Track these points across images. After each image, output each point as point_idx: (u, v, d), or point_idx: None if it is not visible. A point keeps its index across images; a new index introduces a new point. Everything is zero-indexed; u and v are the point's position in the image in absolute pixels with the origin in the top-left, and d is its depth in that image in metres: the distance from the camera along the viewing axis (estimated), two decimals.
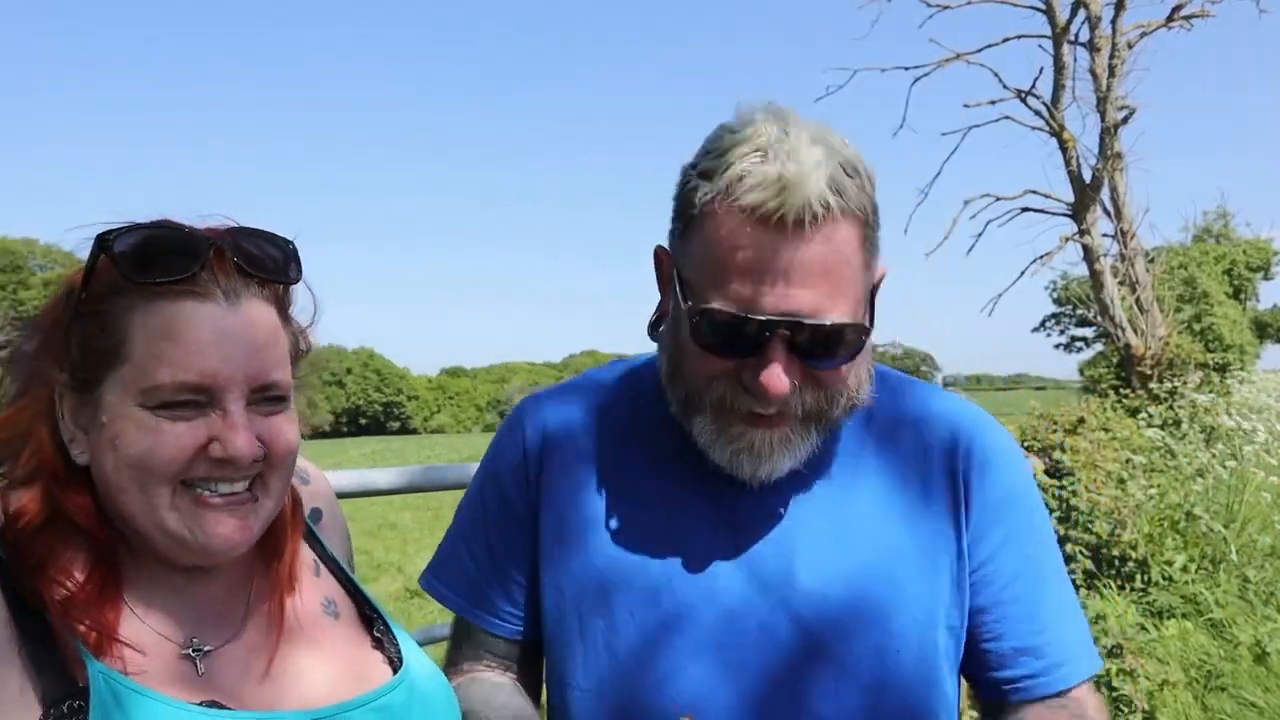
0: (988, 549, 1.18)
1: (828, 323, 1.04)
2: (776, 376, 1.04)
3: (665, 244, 1.18)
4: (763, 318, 1.03)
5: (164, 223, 0.96)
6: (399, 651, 1.11)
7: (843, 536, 1.16)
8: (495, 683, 1.26)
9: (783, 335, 1.04)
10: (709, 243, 1.06)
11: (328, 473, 2.41)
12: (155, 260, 0.93)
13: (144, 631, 0.96)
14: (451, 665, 1.31)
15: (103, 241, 0.94)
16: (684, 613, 1.15)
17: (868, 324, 1.10)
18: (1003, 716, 1.20)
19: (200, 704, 0.92)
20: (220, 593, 1.04)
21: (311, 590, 1.12)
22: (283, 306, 1.04)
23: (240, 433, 0.94)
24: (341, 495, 2.34)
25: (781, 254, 1.02)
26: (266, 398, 0.98)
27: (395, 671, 1.08)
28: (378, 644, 1.12)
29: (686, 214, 1.10)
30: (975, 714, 1.25)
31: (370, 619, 1.15)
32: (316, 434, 1.30)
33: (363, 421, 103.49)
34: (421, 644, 1.19)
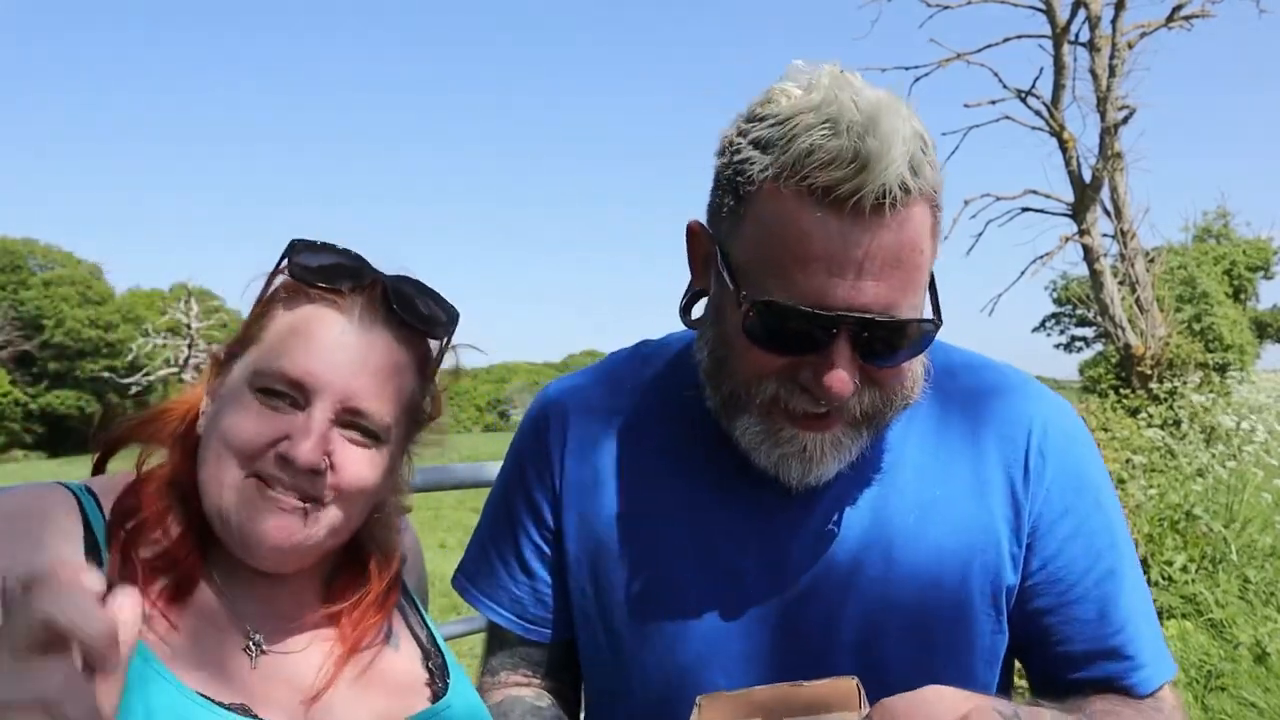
0: (1052, 545, 1.07)
1: (900, 319, 0.93)
2: (841, 379, 0.93)
3: (702, 218, 1.05)
4: (831, 314, 0.91)
5: (349, 250, 1.02)
6: (446, 687, 1.09)
7: (884, 546, 1.08)
8: (532, 706, 1.17)
9: (850, 332, 0.93)
10: (769, 225, 0.93)
11: None
12: (323, 269, 1.01)
13: (215, 602, 0.98)
14: (488, 673, 1.25)
15: (291, 246, 1.01)
16: (717, 633, 1.09)
17: (935, 317, 0.99)
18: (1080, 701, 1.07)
19: (230, 706, 0.91)
20: (288, 598, 1.04)
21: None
22: (422, 359, 1.06)
23: (310, 438, 0.93)
24: None
25: (855, 242, 0.89)
26: (357, 425, 0.98)
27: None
28: (430, 679, 1.10)
29: (737, 189, 0.96)
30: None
31: (429, 654, 1.13)
32: None
33: None
34: None
